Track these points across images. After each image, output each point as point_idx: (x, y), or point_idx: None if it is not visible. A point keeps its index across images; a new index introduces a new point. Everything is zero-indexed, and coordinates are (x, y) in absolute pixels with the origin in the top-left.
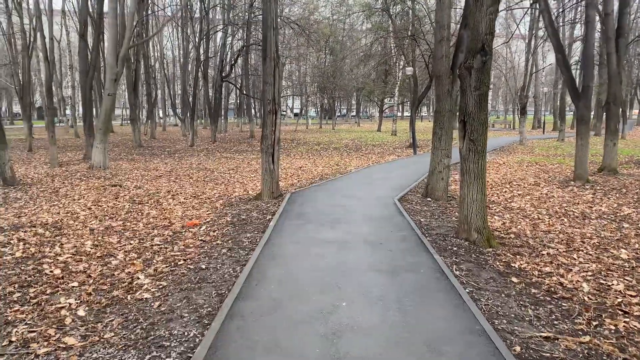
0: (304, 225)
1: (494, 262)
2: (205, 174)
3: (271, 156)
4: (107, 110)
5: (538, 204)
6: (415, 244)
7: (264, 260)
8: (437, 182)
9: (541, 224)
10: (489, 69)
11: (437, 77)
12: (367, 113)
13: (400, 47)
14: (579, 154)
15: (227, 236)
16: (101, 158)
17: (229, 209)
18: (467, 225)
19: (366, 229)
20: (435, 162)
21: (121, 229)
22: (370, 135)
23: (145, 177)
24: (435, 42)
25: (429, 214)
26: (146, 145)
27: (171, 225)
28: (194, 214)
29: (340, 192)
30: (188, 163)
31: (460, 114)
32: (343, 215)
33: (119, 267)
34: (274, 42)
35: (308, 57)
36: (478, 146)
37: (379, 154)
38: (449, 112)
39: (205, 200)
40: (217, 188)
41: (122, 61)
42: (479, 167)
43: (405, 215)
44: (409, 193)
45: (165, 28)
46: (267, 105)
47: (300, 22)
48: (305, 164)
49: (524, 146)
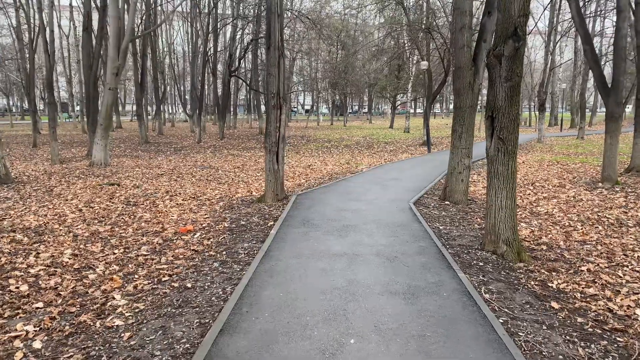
0: (308, 233)
1: (528, 280)
2: (209, 173)
3: (275, 155)
4: (108, 106)
5: (567, 208)
6: (435, 257)
7: (259, 279)
8: (456, 184)
9: (574, 233)
10: (521, 57)
11: (457, 69)
12: (379, 109)
13: (414, 41)
14: (608, 153)
15: (222, 246)
16: (102, 155)
17: (228, 212)
18: (494, 235)
19: (379, 238)
20: (455, 162)
21: (108, 234)
22: (382, 133)
23: (146, 175)
24: (455, 30)
25: (448, 220)
26: (153, 141)
27: (163, 231)
28: (189, 218)
29: (350, 194)
30: (193, 160)
31: (487, 109)
32: (353, 222)
33: (95, 283)
34: (278, 30)
35: (319, 52)
36: (508, 146)
37: (391, 152)
38: (470, 107)
39: (204, 202)
40: (219, 188)
41: (123, 54)
42: (509, 169)
43: (422, 221)
44: (425, 195)
45: (175, 22)
46: (270, 99)
47: (312, 16)
48: (314, 162)
49: (542, 144)
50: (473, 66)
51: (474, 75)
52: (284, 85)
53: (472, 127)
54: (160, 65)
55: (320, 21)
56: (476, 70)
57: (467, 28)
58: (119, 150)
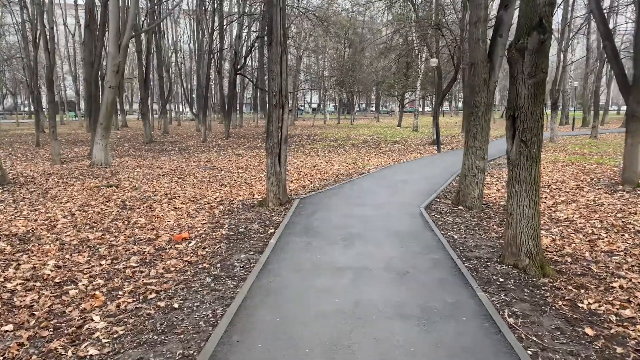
0: (311, 243)
1: (555, 300)
2: (211, 174)
3: (277, 157)
4: (108, 104)
5: (588, 213)
6: (451, 273)
7: (254, 298)
8: (470, 188)
9: (599, 242)
10: (547, 51)
11: (472, 65)
12: (386, 108)
13: (423, 38)
14: (629, 154)
15: (217, 257)
16: (102, 155)
17: (227, 217)
18: (515, 247)
19: (388, 249)
20: (469, 164)
21: (97, 242)
22: (390, 131)
23: (146, 176)
24: (470, 24)
25: (462, 228)
26: (157, 140)
27: (157, 238)
28: (186, 224)
29: (357, 197)
30: (196, 160)
31: (509, 108)
32: (360, 230)
33: (74, 300)
34: (280, 24)
35: (326, 50)
36: (531, 149)
37: (399, 152)
38: (485, 106)
39: (204, 206)
40: (220, 190)
41: (124, 51)
42: (532, 175)
43: (435, 229)
44: (436, 199)
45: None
46: (272, 97)
47: (318, 13)
48: (320, 163)
49: (554, 143)
50: (489, 62)
51: (490, 72)
52: (287, 83)
53: (488, 126)
54: (166, 63)
55: (327, 18)
56: (492, 66)
57: (482, 21)
58: (123, 149)
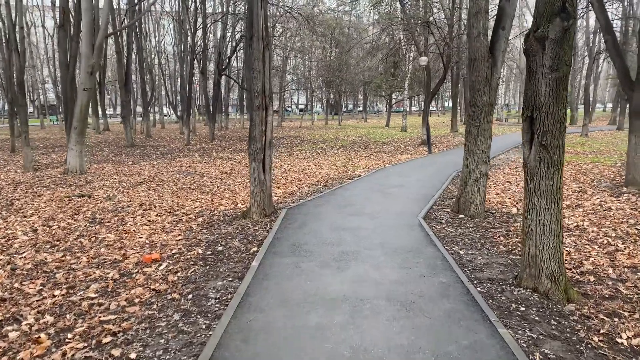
0: (299, 265)
1: (589, 334)
2: (193, 180)
3: (262, 163)
4: (83, 107)
5: (597, 220)
6: (463, 301)
7: (229, 347)
8: (471, 194)
9: (619, 255)
10: (571, 40)
11: (472, 61)
12: (374, 108)
13: (411, 36)
14: (633, 154)
15: (191, 284)
16: (77, 162)
17: (206, 231)
18: (534, 268)
19: (388, 271)
20: (470, 168)
21: (56, 266)
22: (378, 132)
23: (123, 183)
24: (470, 16)
25: (467, 241)
26: (139, 144)
27: (124, 259)
28: (159, 241)
29: (348, 205)
30: (178, 165)
31: (525, 107)
32: (354, 246)
33: (12, 347)
34: (262, 17)
35: (313, 50)
36: (553, 155)
37: (390, 153)
38: (487, 105)
39: (181, 218)
40: (201, 199)
41: (98, 51)
42: (554, 184)
43: (438, 244)
44: (434, 207)
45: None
46: (254, 98)
47: (304, 12)
48: (308, 166)
49: None
50: (490, 57)
51: (492, 68)
52: (270, 82)
53: (490, 128)
54: (149, 65)
55: (313, 18)
56: (494, 62)
57: (483, 13)
58: (102, 154)
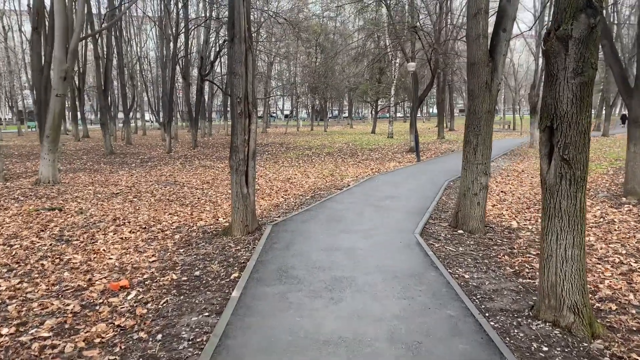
0: (286, 296)
1: None
2: (172, 191)
3: (244, 176)
4: (55, 114)
5: (603, 234)
6: (477, 339)
7: None
8: (471, 208)
9: (635, 275)
10: (598, 40)
11: (471, 65)
12: (359, 114)
13: (397, 42)
14: (632, 163)
15: (161, 319)
16: (50, 171)
17: (183, 251)
18: (554, 299)
19: (388, 302)
20: (469, 180)
21: (9, 295)
22: (365, 138)
23: (98, 195)
24: (468, 17)
25: (470, 262)
26: (119, 151)
27: (89, 286)
28: (130, 263)
29: (339, 220)
30: (158, 174)
31: (544, 116)
32: (348, 271)
33: None
34: (244, 17)
35: (298, 56)
36: (576, 170)
37: (377, 160)
38: (487, 112)
39: (156, 235)
40: (180, 212)
41: (72, 55)
42: (577, 204)
43: (440, 266)
44: (430, 221)
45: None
46: (236, 104)
47: (289, 18)
48: (294, 174)
49: (535, 149)
50: (491, 61)
51: (492, 73)
52: (254, 88)
53: (490, 137)
54: (131, 70)
55: (298, 23)
56: (494, 66)
57: (482, 13)
58: (80, 163)
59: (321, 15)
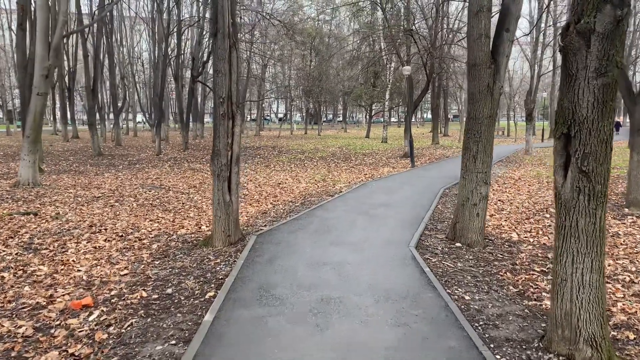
0: (265, 320)
1: None
2: (157, 195)
3: (227, 182)
4: (36, 114)
5: (609, 249)
6: None
7: None
8: (470, 220)
9: None
10: (624, 35)
11: (472, 67)
12: (353, 118)
13: (393, 46)
14: (634, 173)
15: (123, 347)
16: (30, 173)
17: (158, 264)
18: (568, 330)
19: (381, 330)
20: (468, 190)
21: None
22: (358, 143)
23: (78, 198)
24: (470, 14)
25: (470, 280)
26: (108, 153)
27: (48, 304)
28: (100, 276)
29: (329, 231)
30: (145, 177)
31: (559, 122)
32: (337, 290)
33: None
34: (227, 10)
35: (292, 59)
36: (596, 184)
37: (371, 166)
38: (489, 117)
39: (133, 244)
40: (161, 219)
41: (55, 52)
42: (597, 223)
43: (438, 286)
44: (426, 232)
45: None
46: (219, 105)
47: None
48: (285, 179)
49: (530, 156)
50: (493, 63)
51: (494, 75)
52: (238, 87)
53: (491, 144)
54: (122, 71)
55: (292, 26)
56: (496, 68)
57: (485, 11)
58: (66, 164)
59: (316, 18)
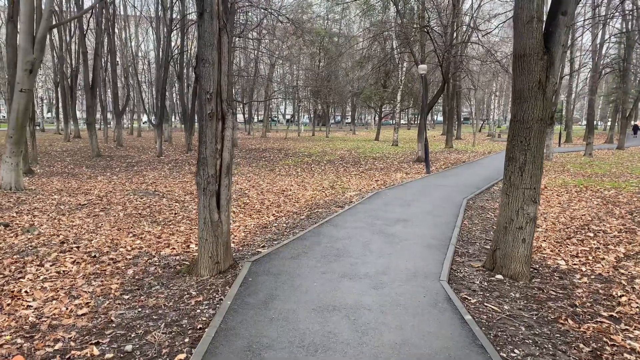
0: None
1: None
2: (148, 202)
3: (215, 197)
4: (20, 112)
5: None
6: None
7: None
8: (514, 247)
9: None
10: None
11: (519, 59)
12: (362, 120)
13: (406, 43)
14: None
15: None
16: (12, 177)
17: (127, 300)
18: None
19: None
20: (512, 210)
21: None
22: (368, 145)
23: (61, 206)
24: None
25: (526, 333)
26: (107, 154)
27: None
28: (51, 316)
29: (339, 256)
30: (141, 180)
31: None
32: (349, 355)
33: None
34: None
35: (301, 59)
36: None
37: (383, 171)
38: (540, 121)
39: (105, 268)
40: (147, 233)
41: (40, 45)
42: None
43: (488, 346)
44: (457, 259)
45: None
46: (205, 102)
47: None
48: (290, 185)
49: (551, 162)
50: (546, 54)
51: (547, 69)
52: (230, 81)
53: (541, 153)
54: (125, 69)
55: (301, 25)
56: (550, 60)
57: None
58: (60, 165)
59: (325, 17)
